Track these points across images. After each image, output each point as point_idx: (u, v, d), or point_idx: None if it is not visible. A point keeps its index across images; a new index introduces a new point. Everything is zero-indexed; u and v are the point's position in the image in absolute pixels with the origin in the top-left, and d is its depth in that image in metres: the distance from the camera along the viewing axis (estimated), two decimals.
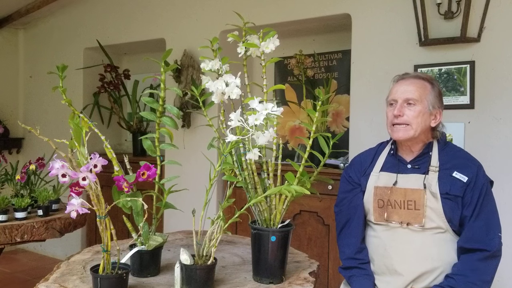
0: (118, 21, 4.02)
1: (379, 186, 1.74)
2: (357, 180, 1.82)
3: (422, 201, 1.65)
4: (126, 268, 1.36)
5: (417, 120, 1.67)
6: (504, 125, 2.41)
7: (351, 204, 1.81)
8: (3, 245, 2.33)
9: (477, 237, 1.61)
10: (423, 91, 1.68)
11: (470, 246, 1.61)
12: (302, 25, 3.18)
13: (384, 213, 1.71)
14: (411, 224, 1.67)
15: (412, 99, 1.67)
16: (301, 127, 3.44)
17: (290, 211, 2.95)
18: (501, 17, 2.41)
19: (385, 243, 1.72)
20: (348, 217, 1.81)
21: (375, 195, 1.75)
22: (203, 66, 1.58)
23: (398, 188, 1.70)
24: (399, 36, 2.68)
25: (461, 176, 1.64)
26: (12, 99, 4.77)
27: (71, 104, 1.52)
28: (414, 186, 1.68)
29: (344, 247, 1.80)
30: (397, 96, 1.70)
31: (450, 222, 1.64)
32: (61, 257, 4.14)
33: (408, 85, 1.70)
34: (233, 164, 1.50)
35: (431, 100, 1.69)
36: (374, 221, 1.75)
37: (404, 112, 1.67)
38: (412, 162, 1.73)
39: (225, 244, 1.96)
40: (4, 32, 4.66)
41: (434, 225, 1.65)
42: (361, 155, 1.91)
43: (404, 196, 1.69)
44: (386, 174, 1.75)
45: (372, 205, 1.75)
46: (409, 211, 1.67)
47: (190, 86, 3.35)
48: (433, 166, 1.68)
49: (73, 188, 1.28)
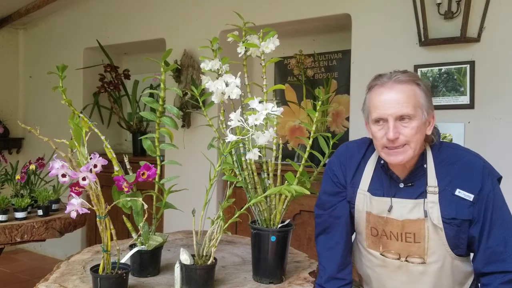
0: (118, 21, 4.02)
1: (372, 213, 1.48)
2: (342, 181, 1.55)
3: (422, 233, 1.40)
4: (126, 268, 1.36)
5: (416, 137, 1.36)
6: (504, 125, 2.41)
7: (333, 212, 1.56)
8: (3, 245, 2.33)
9: (496, 258, 1.36)
10: (414, 99, 1.36)
11: (490, 270, 1.38)
12: (302, 25, 3.18)
13: (379, 245, 1.48)
14: (411, 256, 1.43)
15: (407, 114, 1.35)
16: (301, 127, 3.44)
17: (290, 211, 2.95)
18: (501, 17, 2.40)
19: (383, 279, 1.52)
20: (329, 224, 1.57)
21: (367, 221, 1.50)
22: (203, 66, 1.58)
23: (394, 220, 1.43)
24: (399, 36, 2.68)
25: (466, 195, 1.36)
26: (12, 99, 4.77)
27: (71, 104, 1.52)
28: (412, 216, 1.41)
29: (325, 261, 1.56)
30: (386, 113, 1.36)
31: (456, 249, 1.41)
32: (61, 257, 4.14)
33: (397, 94, 1.36)
34: (233, 164, 1.50)
35: (424, 105, 1.38)
36: (367, 247, 1.52)
37: (400, 131, 1.35)
38: (405, 180, 1.45)
39: (225, 244, 1.96)
40: (4, 32, 4.66)
41: (436, 258, 1.41)
42: (347, 150, 1.59)
43: (402, 228, 1.42)
44: (378, 199, 1.47)
45: (364, 230, 1.52)
46: (408, 244, 1.42)
47: (190, 86, 3.35)
48: (431, 186, 1.40)
49: (73, 188, 1.28)
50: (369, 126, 1.49)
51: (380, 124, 1.40)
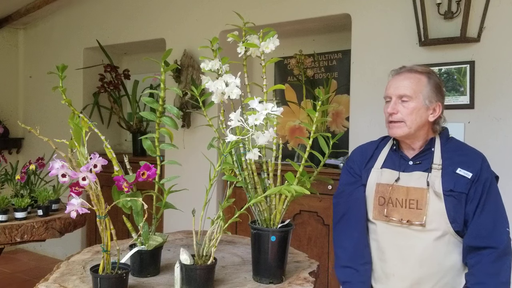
0: (118, 21, 4.02)
1: (381, 183, 1.69)
2: (358, 172, 1.77)
3: (424, 200, 1.59)
4: (126, 268, 1.36)
5: (412, 117, 1.61)
6: (504, 125, 2.41)
7: (350, 197, 1.75)
8: (3, 245, 2.33)
9: (484, 233, 1.54)
10: (417, 85, 1.63)
11: (477, 244, 1.54)
12: (302, 25, 3.19)
13: (384, 210, 1.66)
14: (411, 221, 1.60)
15: (405, 95, 1.62)
16: (301, 127, 3.44)
17: (290, 211, 2.95)
18: (501, 17, 2.41)
19: (383, 246, 1.67)
20: (346, 210, 1.74)
21: (376, 192, 1.70)
22: (203, 66, 1.58)
23: (400, 186, 1.65)
24: (399, 36, 2.68)
25: (465, 173, 1.58)
26: (12, 99, 4.78)
27: (71, 104, 1.52)
28: (416, 184, 1.62)
29: (345, 241, 1.73)
30: (391, 93, 1.66)
31: (454, 223, 1.58)
32: (61, 257, 4.14)
33: (402, 80, 1.65)
34: (233, 164, 1.50)
35: (427, 94, 1.63)
36: (373, 218, 1.70)
37: (398, 109, 1.63)
38: (414, 159, 1.68)
39: (225, 244, 1.96)
40: (4, 32, 4.66)
41: (435, 226, 1.58)
42: (361, 146, 1.85)
43: (406, 194, 1.63)
44: (388, 171, 1.70)
45: (372, 202, 1.70)
46: (411, 210, 1.61)
47: (190, 86, 3.35)
48: (435, 164, 1.63)
49: (73, 188, 1.28)
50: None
51: (388, 103, 1.68)
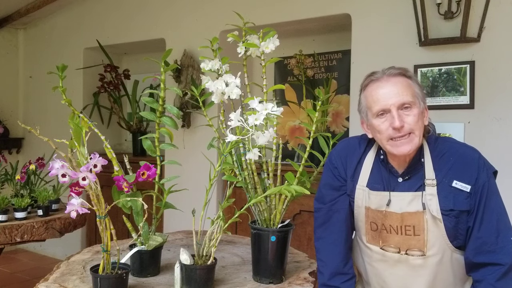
0: (118, 21, 4.02)
1: (371, 208, 1.48)
2: (343, 175, 1.55)
3: (421, 225, 1.41)
4: (126, 268, 1.36)
5: (419, 125, 1.40)
6: (504, 125, 2.40)
7: (333, 206, 1.56)
8: (3, 245, 2.33)
9: (486, 249, 1.38)
10: (410, 88, 1.41)
11: (479, 260, 1.39)
12: (302, 25, 3.18)
13: (379, 239, 1.48)
14: (411, 249, 1.43)
15: (407, 101, 1.39)
16: (301, 127, 3.44)
17: (290, 211, 2.95)
18: (501, 17, 2.40)
19: (382, 274, 1.51)
20: (328, 219, 1.56)
21: (367, 216, 1.50)
22: (203, 66, 1.58)
23: (393, 213, 1.44)
24: (399, 36, 2.68)
25: (463, 186, 1.39)
26: (12, 99, 4.77)
27: (71, 104, 1.52)
28: (410, 208, 1.42)
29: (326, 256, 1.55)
30: (388, 104, 1.39)
31: (455, 240, 1.42)
32: (61, 257, 4.14)
33: (394, 85, 1.41)
34: (233, 164, 1.50)
35: (420, 95, 1.43)
36: (367, 242, 1.52)
37: (404, 120, 1.38)
38: (403, 174, 1.46)
39: (225, 244, 1.96)
40: (4, 32, 4.66)
41: (435, 251, 1.42)
42: (348, 144, 1.61)
43: (401, 221, 1.43)
44: (376, 194, 1.48)
45: (364, 226, 1.52)
46: (408, 237, 1.43)
47: (190, 86, 3.35)
48: (429, 179, 1.42)
49: (73, 188, 1.28)
50: (367, 124, 1.50)
51: (383, 116, 1.41)
